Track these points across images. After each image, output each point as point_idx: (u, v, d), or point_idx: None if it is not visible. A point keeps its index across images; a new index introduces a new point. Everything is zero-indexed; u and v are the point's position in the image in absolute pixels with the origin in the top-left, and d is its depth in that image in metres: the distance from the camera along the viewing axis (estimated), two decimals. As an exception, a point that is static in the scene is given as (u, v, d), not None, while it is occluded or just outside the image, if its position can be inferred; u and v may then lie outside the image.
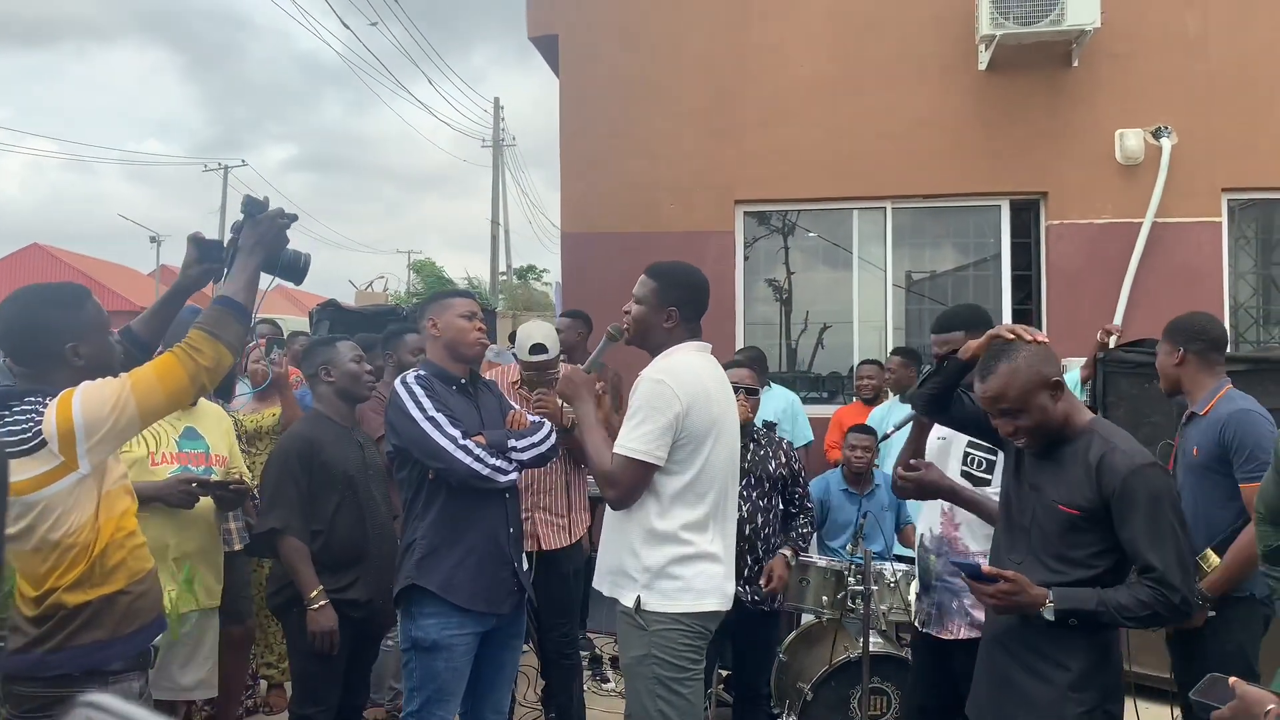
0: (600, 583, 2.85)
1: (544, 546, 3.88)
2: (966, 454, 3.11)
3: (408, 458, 3.08)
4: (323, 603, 3.24)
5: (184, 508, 3.25)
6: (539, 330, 3.89)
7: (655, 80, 7.28)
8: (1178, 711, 3.40)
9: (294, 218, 2.48)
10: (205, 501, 3.36)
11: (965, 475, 3.09)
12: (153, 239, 35.58)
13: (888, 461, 4.65)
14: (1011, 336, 2.44)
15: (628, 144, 7.23)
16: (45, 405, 2.16)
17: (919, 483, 3.01)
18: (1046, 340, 2.47)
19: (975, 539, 3.09)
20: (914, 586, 3.40)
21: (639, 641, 2.70)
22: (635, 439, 2.66)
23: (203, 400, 3.40)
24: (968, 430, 2.90)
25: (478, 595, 3.04)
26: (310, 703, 3.30)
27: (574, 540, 4.01)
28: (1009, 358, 2.39)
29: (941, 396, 2.80)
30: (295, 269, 2.53)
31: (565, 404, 2.94)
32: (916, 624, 3.23)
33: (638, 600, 2.69)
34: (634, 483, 2.69)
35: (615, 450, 2.70)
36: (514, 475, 3.13)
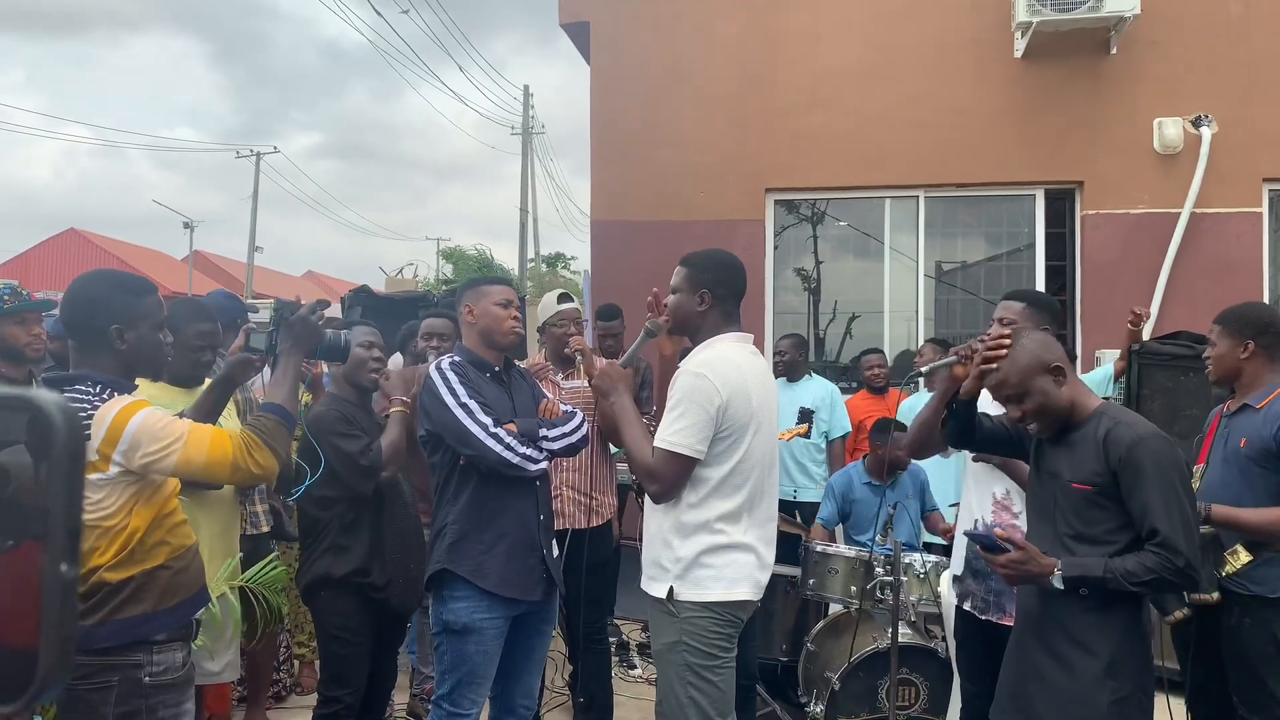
0: (643, 579, 2.85)
1: (572, 525, 3.90)
2: None
3: (440, 443, 3.10)
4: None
5: (212, 487, 3.28)
6: (557, 290, 4.18)
7: (686, 67, 7.26)
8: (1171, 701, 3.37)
9: (326, 304, 2.64)
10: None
11: None
12: (186, 225, 35.97)
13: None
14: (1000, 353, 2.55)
15: (658, 131, 7.21)
16: (94, 396, 2.22)
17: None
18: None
19: None
20: (946, 574, 3.36)
21: (670, 629, 2.71)
22: (676, 433, 2.65)
23: (209, 380, 3.43)
24: (998, 450, 2.91)
25: (508, 581, 3.06)
26: (338, 685, 3.33)
27: (603, 521, 4.03)
28: (1010, 345, 2.53)
29: (965, 431, 2.82)
30: (336, 350, 2.76)
31: (602, 397, 2.93)
32: (968, 608, 3.18)
33: (670, 590, 2.69)
34: (677, 477, 2.68)
35: (656, 444, 2.69)
36: (544, 464, 3.14)
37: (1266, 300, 6.62)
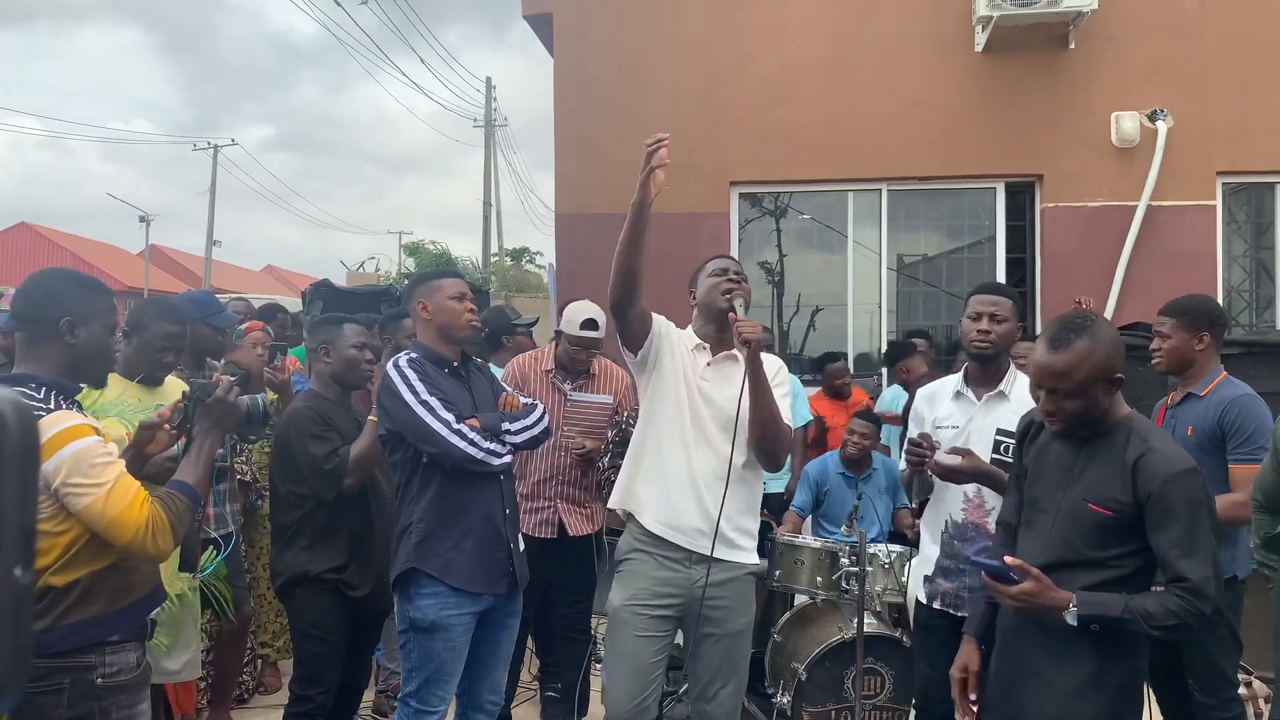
0: (730, 553, 2.93)
1: (570, 534, 3.99)
2: (998, 441, 3.05)
3: (401, 441, 3.07)
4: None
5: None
6: (590, 308, 4.02)
7: (651, 60, 7.24)
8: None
9: (244, 375, 2.55)
10: None
11: (996, 463, 3.05)
12: (142, 219, 35.27)
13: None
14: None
15: (623, 124, 7.18)
16: (39, 402, 2.16)
17: (961, 470, 2.96)
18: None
19: None
20: (912, 567, 3.39)
21: (755, 601, 3.04)
22: (790, 416, 2.98)
23: (169, 379, 3.38)
24: None
25: (475, 577, 3.05)
26: (311, 683, 3.30)
27: (596, 528, 4.09)
28: (1091, 335, 2.22)
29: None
30: (256, 417, 2.72)
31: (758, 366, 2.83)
32: (938, 606, 3.19)
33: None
34: None
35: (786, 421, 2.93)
36: (508, 458, 3.13)
37: (1220, 292, 6.76)
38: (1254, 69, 6.68)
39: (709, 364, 2.98)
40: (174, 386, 3.51)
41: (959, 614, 3.11)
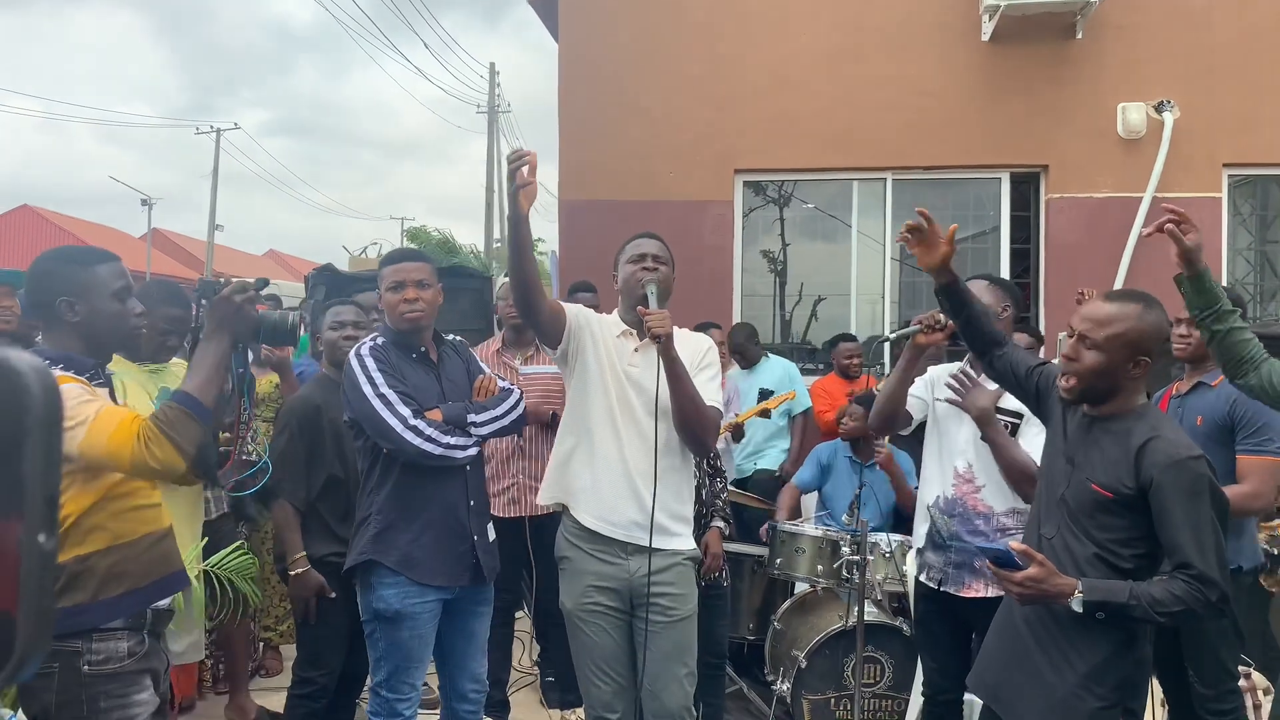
0: (666, 541, 2.84)
1: (531, 513, 3.91)
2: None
3: (363, 429, 3.01)
4: (303, 569, 3.29)
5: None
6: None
7: (656, 46, 7.21)
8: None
9: (263, 283, 2.42)
10: None
11: None
12: (144, 202, 35.19)
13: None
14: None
15: (627, 110, 7.16)
16: None
17: (964, 396, 3.04)
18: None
19: (999, 498, 3.10)
20: (912, 551, 3.41)
21: (696, 587, 2.97)
22: (719, 398, 2.96)
23: (175, 360, 3.40)
24: (1004, 384, 2.74)
25: (436, 570, 2.97)
26: (313, 666, 3.32)
27: None
28: (1145, 305, 2.29)
29: (957, 305, 2.73)
30: (283, 332, 2.50)
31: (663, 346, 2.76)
32: (924, 579, 3.23)
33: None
34: None
35: (711, 404, 2.88)
36: (473, 451, 3.02)
37: (1224, 284, 6.74)
38: (1261, 61, 6.64)
39: (636, 349, 2.90)
40: (180, 369, 3.52)
41: (942, 589, 3.14)
